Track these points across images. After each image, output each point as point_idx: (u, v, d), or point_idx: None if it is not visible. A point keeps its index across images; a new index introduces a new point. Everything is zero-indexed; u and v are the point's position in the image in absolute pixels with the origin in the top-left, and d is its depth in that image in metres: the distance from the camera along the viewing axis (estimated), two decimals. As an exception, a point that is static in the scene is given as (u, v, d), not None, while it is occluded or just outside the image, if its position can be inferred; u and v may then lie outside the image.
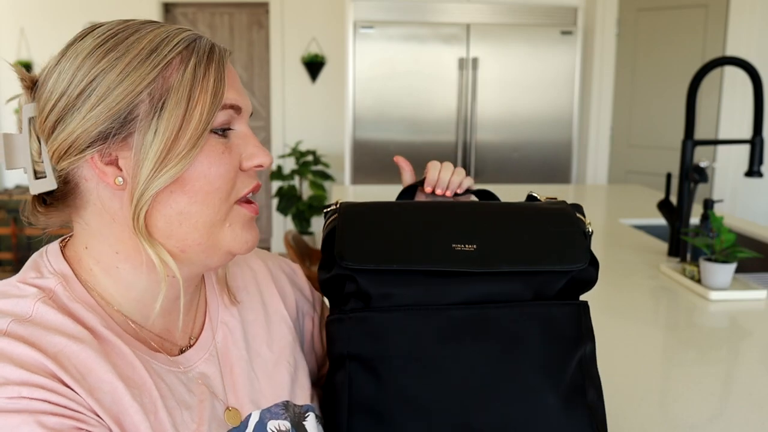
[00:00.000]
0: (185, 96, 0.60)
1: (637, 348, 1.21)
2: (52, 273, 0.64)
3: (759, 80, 1.63)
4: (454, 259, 0.70)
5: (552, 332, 0.70)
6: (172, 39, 0.62)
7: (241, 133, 0.66)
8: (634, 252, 1.87)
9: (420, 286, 0.71)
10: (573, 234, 0.74)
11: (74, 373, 0.57)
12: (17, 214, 4.44)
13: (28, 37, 4.80)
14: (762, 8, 3.41)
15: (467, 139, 3.80)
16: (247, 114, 0.67)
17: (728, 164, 3.57)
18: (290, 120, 4.96)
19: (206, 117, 0.61)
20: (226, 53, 0.65)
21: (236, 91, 0.65)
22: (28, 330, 0.57)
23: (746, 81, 3.44)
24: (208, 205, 0.63)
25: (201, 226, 0.63)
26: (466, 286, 0.70)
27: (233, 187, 0.65)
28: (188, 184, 0.61)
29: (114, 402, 0.58)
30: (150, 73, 0.60)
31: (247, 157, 0.66)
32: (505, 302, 0.71)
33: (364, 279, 0.71)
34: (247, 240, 0.67)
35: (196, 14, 4.96)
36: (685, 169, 1.78)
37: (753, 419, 0.95)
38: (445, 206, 0.77)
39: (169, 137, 0.59)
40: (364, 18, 3.71)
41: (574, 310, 0.72)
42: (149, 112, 0.59)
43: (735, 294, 1.47)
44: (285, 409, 0.73)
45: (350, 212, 0.76)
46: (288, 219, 4.78)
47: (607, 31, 3.96)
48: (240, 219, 0.66)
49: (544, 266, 0.71)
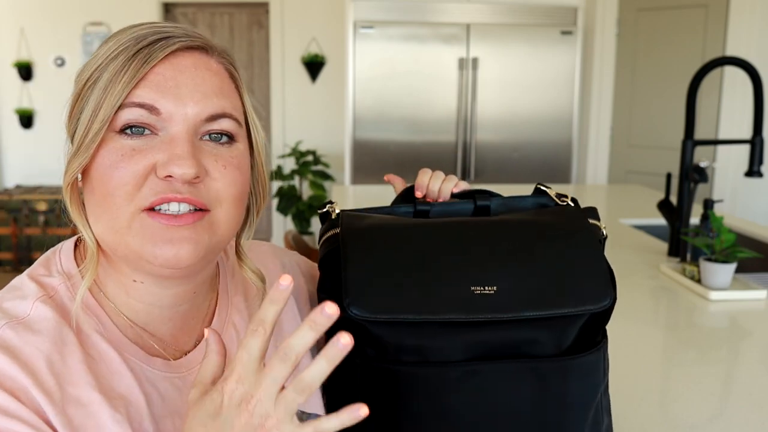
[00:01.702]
0: (102, 89, 0.59)
1: (637, 348, 1.21)
2: (59, 272, 0.65)
3: (759, 80, 1.63)
4: (474, 306, 0.64)
5: (576, 380, 0.68)
6: (133, 33, 0.61)
7: (168, 137, 0.59)
8: (634, 252, 1.87)
9: (439, 335, 0.65)
10: (596, 264, 0.68)
11: (49, 386, 0.57)
12: (17, 214, 4.43)
13: (28, 37, 4.79)
14: (762, 8, 3.41)
15: (467, 139, 3.80)
16: (186, 118, 0.59)
17: (728, 164, 3.57)
18: (290, 120, 4.96)
19: (106, 115, 0.58)
20: (170, 46, 0.60)
21: (158, 89, 0.59)
22: (18, 334, 0.58)
23: (746, 81, 3.43)
24: (107, 208, 0.59)
25: (108, 230, 0.60)
26: (487, 331, 0.66)
27: (136, 192, 0.59)
28: (93, 184, 0.60)
29: (88, 415, 0.58)
30: (98, 67, 0.60)
31: (160, 164, 0.58)
32: (530, 357, 0.66)
33: (377, 329, 0.65)
34: (155, 255, 0.59)
35: (196, 14, 4.96)
36: (685, 169, 1.78)
37: (753, 419, 0.95)
38: (459, 231, 0.70)
39: (83, 130, 0.59)
40: (364, 18, 3.71)
41: (600, 356, 0.70)
42: (84, 104, 0.60)
43: (735, 294, 1.47)
44: None
45: (354, 237, 0.68)
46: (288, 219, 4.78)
47: (607, 31, 3.96)
48: (144, 230, 0.59)
49: (567, 309, 0.65)
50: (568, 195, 0.78)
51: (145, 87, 0.59)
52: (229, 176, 0.62)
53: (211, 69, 0.62)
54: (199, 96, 0.60)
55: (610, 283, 0.67)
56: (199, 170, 0.59)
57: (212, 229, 0.62)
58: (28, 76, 4.79)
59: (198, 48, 0.62)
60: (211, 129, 0.61)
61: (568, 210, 0.74)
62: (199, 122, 0.60)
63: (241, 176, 0.63)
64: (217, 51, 0.64)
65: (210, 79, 0.62)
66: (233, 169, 0.62)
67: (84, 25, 4.75)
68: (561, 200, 0.77)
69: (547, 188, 0.79)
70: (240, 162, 0.64)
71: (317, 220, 5.02)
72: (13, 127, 4.89)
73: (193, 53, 0.62)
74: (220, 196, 0.62)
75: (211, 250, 0.63)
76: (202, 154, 0.60)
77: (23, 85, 4.82)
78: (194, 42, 0.62)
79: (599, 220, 0.75)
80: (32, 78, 4.82)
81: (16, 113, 4.83)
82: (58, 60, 4.81)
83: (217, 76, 0.63)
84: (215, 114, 0.61)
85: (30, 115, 4.83)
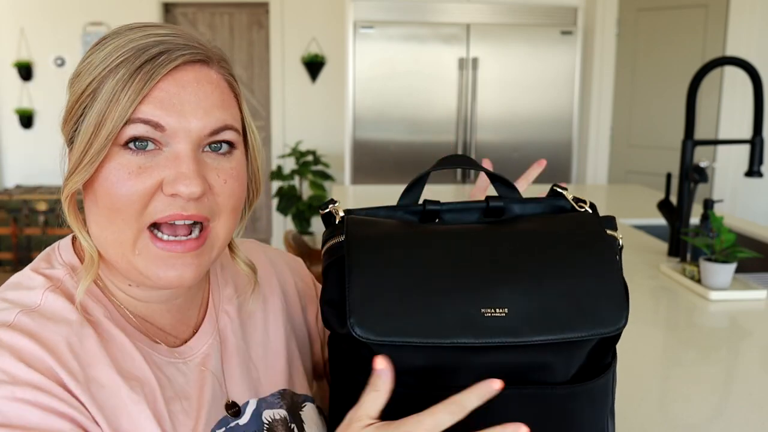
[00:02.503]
0: (105, 102, 0.59)
1: (637, 348, 1.21)
2: (62, 264, 0.67)
3: (759, 80, 1.63)
4: (484, 330, 0.61)
5: (586, 406, 0.66)
6: (132, 42, 0.61)
7: (173, 154, 0.60)
8: (634, 252, 1.86)
9: (446, 359, 0.63)
10: (612, 284, 0.65)
11: (72, 366, 0.59)
12: (17, 214, 4.43)
13: (28, 37, 4.79)
14: (762, 8, 3.41)
15: (467, 139, 3.80)
16: (190, 134, 0.61)
17: (728, 164, 3.57)
18: (290, 120, 4.96)
19: (111, 129, 0.58)
20: (173, 61, 0.60)
21: (162, 106, 0.59)
22: (34, 321, 0.60)
23: (746, 81, 3.43)
24: (113, 221, 0.60)
25: (114, 242, 0.61)
26: (495, 355, 0.63)
27: (143, 210, 0.60)
28: (96, 195, 0.61)
29: (110, 395, 0.61)
30: (97, 76, 0.60)
31: (167, 182, 0.60)
32: (540, 383, 0.64)
33: (382, 351, 0.62)
34: (159, 276, 0.61)
35: (196, 14, 4.96)
36: (685, 169, 1.78)
37: (753, 419, 0.95)
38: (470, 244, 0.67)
39: (85, 142, 0.59)
40: (364, 18, 3.71)
41: (609, 378, 0.68)
42: (83, 112, 0.61)
43: (735, 294, 1.47)
44: (281, 397, 0.74)
45: (359, 251, 0.65)
46: (288, 219, 4.78)
47: (607, 31, 3.96)
48: (149, 252, 0.61)
49: (580, 333, 0.62)
50: (586, 201, 0.73)
51: (149, 103, 0.59)
52: (228, 189, 0.64)
53: (212, 82, 0.64)
54: (202, 113, 0.61)
55: (624, 303, 0.64)
56: (204, 187, 0.61)
57: (212, 245, 0.65)
58: (28, 76, 4.79)
59: (198, 61, 0.64)
60: (213, 140, 0.63)
61: (585, 219, 0.70)
62: (203, 137, 0.62)
63: (239, 187, 0.66)
64: (216, 60, 0.65)
65: (211, 93, 0.63)
66: (233, 182, 0.65)
67: (84, 25, 4.75)
68: (579, 205, 0.73)
69: (564, 189, 0.75)
70: (239, 172, 0.66)
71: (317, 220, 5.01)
72: (13, 127, 4.89)
73: (194, 66, 0.63)
74: (220, 208, 0.64)
75: (212, 263, 0.66)
76: (205, 169, 0.62)
77: (23, 85, 4.83)
78: (195, 56, 0.63)
79: (617, 230, 0.72)
80: (32, 78, 4.82)
81: (16, 113, 4.83)
82: (58, 60, 4.81)
83: (218, 89, 0.64)
84: (217, 128, 0.63)
85: (30, 115, 4.83)
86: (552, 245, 0.67)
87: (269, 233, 5.18)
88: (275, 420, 0.72)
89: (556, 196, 0.75)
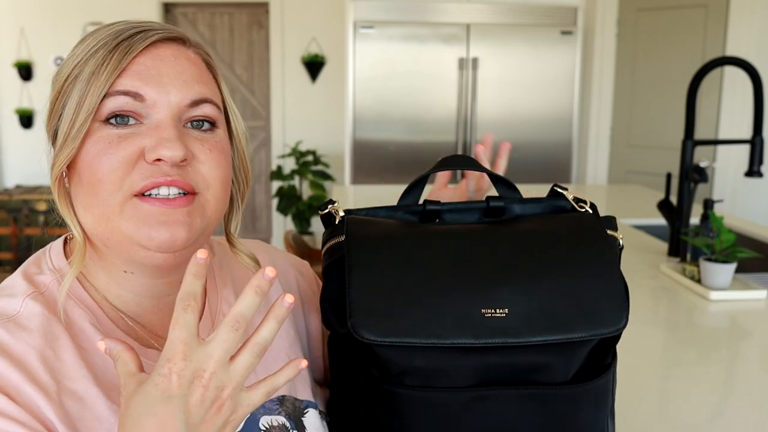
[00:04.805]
0: (85, 81, 0.60)
1: (637, 348, 1.21)
2: (51, 269, 0.66)
3: (759, 80, 1.63)
4: (484, 330, 0.61)
5: (586, 407, 0.66)
6: (110, 29, 0.62)
7: (154, 124, 0.61)
8: (634, 252, 1.86)
9: (447, 359, 0.63)
10: (613, 284, 0.65)
11: (43, 381, 0.58)
12: (17, 214, 4.43)
13: (28, 37, 4.79)
14: (762, 8, 3.41)
15: (467, 140, 3.80)
16: (170, 105, 0.61)
17: (728, 164, 3.57)
18: (290, 120, 4.96)
19: (92, 104, 0.59)
20: (149, 38, 0.61)
21: (141, 77, 0.60)
22: (9, 332, 0.59)
23: (746, 81, 3.43)
24: (97, 195, 0.60)
25: (99, 219, 0.61)
26: (495, 355, 0.63)
27: (125, 178, 0.60)
28: (80, 174, 0.61)
29: (85, 408, 0.59)
30: (77, 63, 0.61)
31: (149, 149, 0.60)
32: (540, 384, 0.65)
33: (382, 351, 0.63)
34: (151, 237, 0.60)
35: (196, 14, 4.96)
36: (685, 169, 1.78)
37: (753, 419, 0.95)
38: (470, 244, 0.66)
39: (68, 124, 0.60)
40: (364, 18, 3.71)
41: (609, 379, 0.69)
42: (65, 102, 0.61)
43: (735, 294, 1.47)
44: (280, 403, 0.72)
45: (359, 250, 0.66)
46: (288, 219, 4.78)
47: (607, 31, 3.96)
48: (138, 214, 0.60)
49: (580, 333, 0.62)
50: (586, 201, 0.74)
51: (128, 76, 0.60)
52: (214, 159, 0.64)
53: (189, 59, 0.65)
54: (181, 83, 0.62)
55: (625, 303, 0.64)
56: (187, 153, 0.61)
57: (203, 212, 0.64)
58: (28, 76, 4.79)
59: (175, 39, 0.65)
60: (193, 115, 0.63)
61: (585, 219, 0.70)
62: (183, 108, 0.62)
63: (225, 159, 0.65)
64: (193, 44, 0.67)
65: (189, 67, 0.64)
66: (218, 153, 0.64)
67: (84, 25, 4.75)
68: (579, 205, 0.73)
69: (564, 190, 0.75)
70: (223, 146, 0.66)
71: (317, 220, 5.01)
72: (13, 127, 4.89)
73: (171, 44, 0.64)
74: (207, 179, 0.63)
75: (202, 232, 0.65)
76: (187, 139, 0.62)
77: (23, 85, 4.82)
78: (171, 34, 0.64)
79: (617, 230, 0.72)
80: (32, 78, 4.82)
81: (16, 113, 4.83)
82: (58, 60, 4.81)
83: (196, 65, 0.65)
84: (197, 99, 0.63)
85: (30, 115, 4.83)
86: (552, 245, 0.66)
87: (269, 233, 5.18)
88: (273, 426, 0.71)
89: (556, 196, 0.75)
